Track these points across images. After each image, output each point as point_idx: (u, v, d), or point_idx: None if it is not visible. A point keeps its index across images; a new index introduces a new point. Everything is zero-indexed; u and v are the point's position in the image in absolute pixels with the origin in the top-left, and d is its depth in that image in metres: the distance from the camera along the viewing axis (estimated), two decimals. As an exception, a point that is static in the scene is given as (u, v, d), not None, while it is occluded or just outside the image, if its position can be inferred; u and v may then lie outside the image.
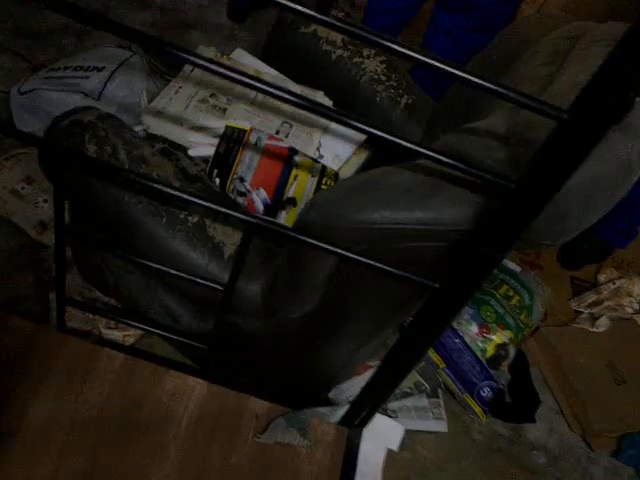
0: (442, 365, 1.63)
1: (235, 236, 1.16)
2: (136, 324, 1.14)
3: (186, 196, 0.86)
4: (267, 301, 1.14)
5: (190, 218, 1.13)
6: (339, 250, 0.86)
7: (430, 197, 0.85)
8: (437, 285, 0.89)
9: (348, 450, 1.17)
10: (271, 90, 0.70)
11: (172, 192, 0.85)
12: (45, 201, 1.63)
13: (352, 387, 1.58)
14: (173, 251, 1.12)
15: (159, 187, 0.85)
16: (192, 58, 0.68)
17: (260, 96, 1.56)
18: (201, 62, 0.68)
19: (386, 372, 1.07)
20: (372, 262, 0.87)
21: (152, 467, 1.05)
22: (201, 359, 1.23)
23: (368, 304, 1.12)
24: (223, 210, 0.87)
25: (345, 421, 1.21)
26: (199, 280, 1.00)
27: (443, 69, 0.65)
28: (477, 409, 1.63)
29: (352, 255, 0.86)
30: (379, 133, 0.73)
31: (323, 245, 0.86)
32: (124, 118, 1.64)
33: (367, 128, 0.71)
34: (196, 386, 1.15)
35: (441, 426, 1.61)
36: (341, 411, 1.43)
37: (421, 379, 1.64)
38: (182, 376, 1.16)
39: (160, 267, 1.01)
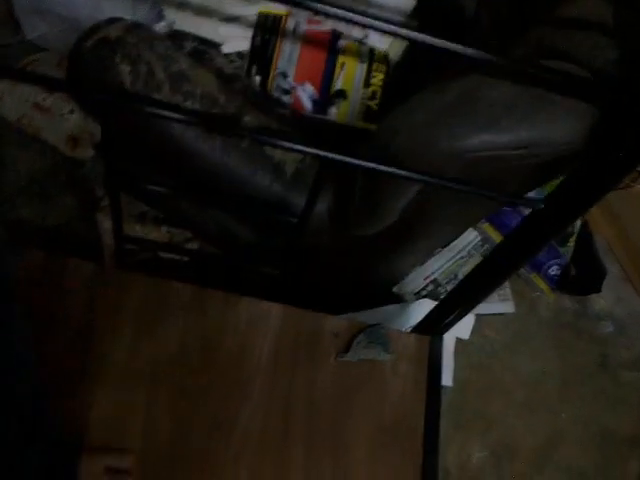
0: (507, 246, 1.57)
1: (294, 152, 1.06)
2: (197, 256, 1.08)
3: (243, 131, 0.75)
4: (336, 219, 1.06)
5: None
6: (430, 179, 0.77)
7: (536, 113, 0.74)
8: (542, 206, 0.81)
9: (432, 359, 1.14)
10: None
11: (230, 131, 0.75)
12: (71, 112, 1.50)
13: (416, 278, 1.54)
14: (232, 175, 1.03)
15: (221, 128, 0.75)
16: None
17: (292, -29, 1.37)
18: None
19: (474, 286, 1.02)
20: (470, 189, 0.77)
21: (240, 401, 1.04)
22: (268, 278, 1.18)
23: (448, 222, 1.04)
24: (292, 146, 0.77)
25: (425, 326, 1.18)
26: (273, 214, 0.92)
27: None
28: (544, 287, 1.60)
29: (447, 183, 0.76)
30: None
31: (411, 175, 0.76)
32: (143, 11, 1.48)
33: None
34: (271, 310, 1.11)
35: (508, 307, 1.59)
36: (412, 308, 1.41)
37: (485, 262, 1.59)
38: (255, 302, 1.11)
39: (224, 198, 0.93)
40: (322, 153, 0.75)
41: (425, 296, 1.52)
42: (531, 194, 1.48)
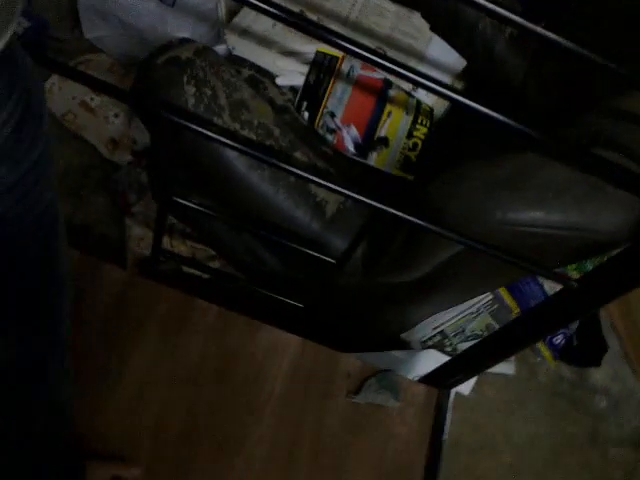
0: (516, 310, 1.60)
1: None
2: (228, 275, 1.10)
3: (299, 171, 0.79)
4: (368, 265, 1.09)
5: (293, 173, 1.06)
6: (478, 245, 0.79)
7: (589, 200, 0.77)
8: (575, 285, 0.84)
9: (438, 412, 1.16)
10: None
11: (285, 167, 0.79)
12: (116, 115, 1.54)
13: (424, 327, 1.56)
14: (275, 208, 1.06)
15: (276, 162, 0.78)
16: None
17: (353, 15, 1.42)
18: None
19: (488, 350, 1.05)
20: (511, 258, 0.80)
21: (248, 427, 1.05)
22: (288, 308, 1.20)
23: (474, 283, 1.07)
24: (349, 194, 0.80)
25: (434, 379, 1.20)
26: (312, 252, 0.95)
27: None
28: (546, 354, 1.63)
29: (492, 251, 0.79)
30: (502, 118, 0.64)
31: (462, 239, 0.79)
32: (202, 30, 1.52)
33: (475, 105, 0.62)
34: (290, 342, 1.13)
35: (508, 368, 1.61)
36: (419, 356, 1.44)
37: (493, 322, 1.62)
38: (276, 331, 1.14)
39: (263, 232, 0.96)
40: (380, 206, 0.78)
41: (431, 346, 1.55)
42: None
